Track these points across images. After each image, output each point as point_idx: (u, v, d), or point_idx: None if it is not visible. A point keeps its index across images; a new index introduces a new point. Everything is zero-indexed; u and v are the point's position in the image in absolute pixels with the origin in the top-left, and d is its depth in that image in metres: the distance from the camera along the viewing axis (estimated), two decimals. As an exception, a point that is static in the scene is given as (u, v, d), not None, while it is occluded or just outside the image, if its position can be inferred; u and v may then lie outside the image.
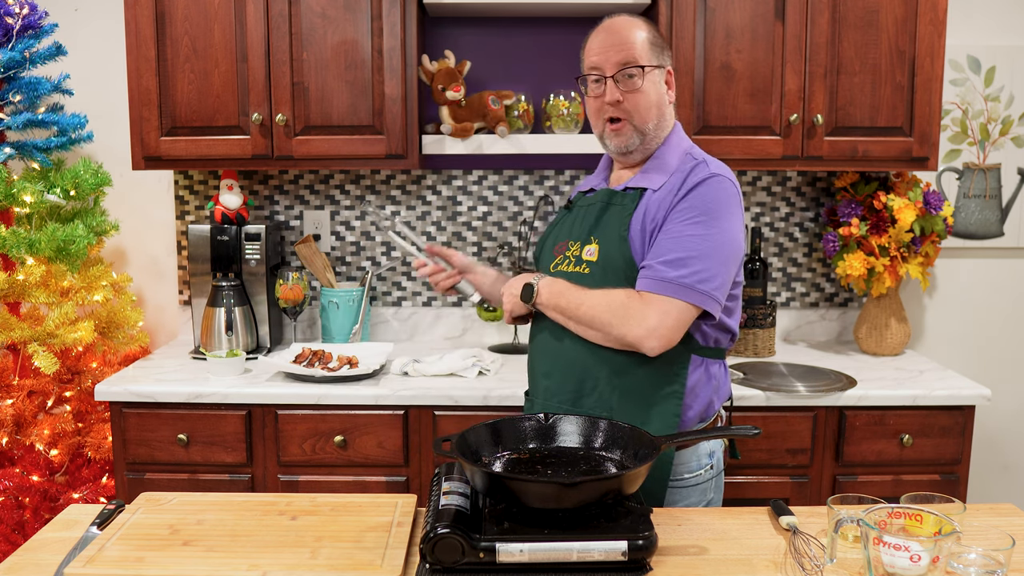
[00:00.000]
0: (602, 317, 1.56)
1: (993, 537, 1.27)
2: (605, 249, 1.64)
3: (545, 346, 1.71)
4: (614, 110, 1.65)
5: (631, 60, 1.63)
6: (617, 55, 1.64)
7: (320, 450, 2.24)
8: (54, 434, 2.38)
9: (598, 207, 1.70)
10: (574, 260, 1.69)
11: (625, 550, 1.25)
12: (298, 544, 1.37)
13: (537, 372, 1.74)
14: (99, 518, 1.47)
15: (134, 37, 2.39)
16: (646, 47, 1.65)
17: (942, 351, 2.90)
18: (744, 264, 2.68)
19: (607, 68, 1.64)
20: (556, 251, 1.75)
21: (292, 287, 2.57)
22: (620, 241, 1.62)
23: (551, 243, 1.79)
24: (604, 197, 1.71)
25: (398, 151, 2.44)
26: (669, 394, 1.61)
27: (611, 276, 1.62)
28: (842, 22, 2.38)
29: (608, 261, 1.63)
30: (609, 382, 1.62)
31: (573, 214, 1.77)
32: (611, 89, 1.64)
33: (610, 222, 1.66)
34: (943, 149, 2.80)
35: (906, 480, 2.25)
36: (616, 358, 1.61)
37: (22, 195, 2.40)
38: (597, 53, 1.66)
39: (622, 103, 1.64)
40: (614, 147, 1.70)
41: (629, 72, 1.63)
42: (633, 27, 1.67)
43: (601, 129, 1.70)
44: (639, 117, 1.65)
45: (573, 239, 1.72)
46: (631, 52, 1.63)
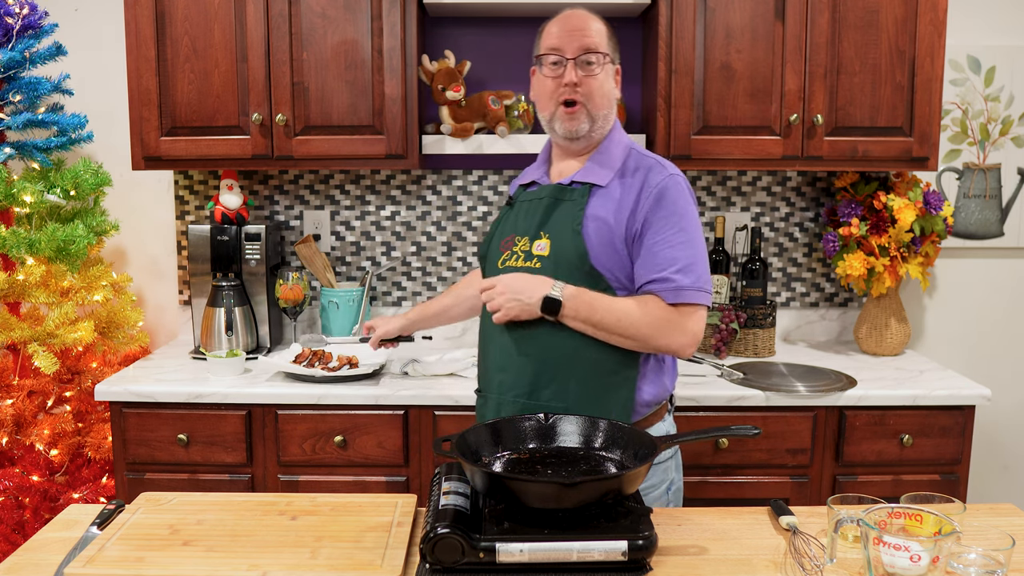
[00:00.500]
0: (644, 331, 1.63)
1: (993, 537, 1.27)
2: (557, 243, 1.68)
3: (499, 341, 1.73)
4: (571, 92, 1.69)
5: (593, 46, 1.69)
6: (580, 40, 1.68)
7: (320, 450, 2.24)
8: (54, 434, 2.38)
9: (546, 202, 1.73)
10: (523, 255, 1.72)
11: (625, 550, 1.25)
12: (298, 544, 1.37)
13: (491, 368, 1.76)
14: (99, 518, 1.47)
15: (134, 37, 2.39)
16: (604, 38, 1.72)
17: (942, 351, 2.90)
18: (744, 264, 2.68)
19: (568, 51, 1.68)
20: (503, 247, 1.77)
21: (292, 287, 2.57)
22: (573, 235, 1.66)
23: (497, 239, 1.81)
24: (551, 192, 1.74)
25: (398, 151, 2.44)
26: (624, 380, 1.67)
27: (563, 270, 1.66)
28: (842, 22, 2.38)
29: (560, 255, 1.67)
30: (566, 373, 1.67)
31: (516, 209, 1.80)
32: (571, 70, 1.68)
33: (560, 217, 1.69)
34: (943, 149, 2.80)
35: (906, 480, 2.25)
36: (572, 350, 1.66)
37: (22, 195, 2.40)
38: (558, 36, 1.69)
39: (580, 86, 1.68)
40: (564, 131, 1.72)
41: (589, 58, 1.68)
42: (594, 18, 1.73)
43: (553, 111, 1.72)
44: (593, 104, 1.70)
45: (520, 234, 1.74)
46: (593, 39, 1.69)
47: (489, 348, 1.77)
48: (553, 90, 1.71)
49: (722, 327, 2.56)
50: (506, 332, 1.71)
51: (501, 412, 1.69)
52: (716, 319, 2.59)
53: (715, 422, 2.20)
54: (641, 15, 2.65)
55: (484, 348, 1.80)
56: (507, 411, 1.68)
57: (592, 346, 1.66)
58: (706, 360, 2.45)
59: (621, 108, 2.61)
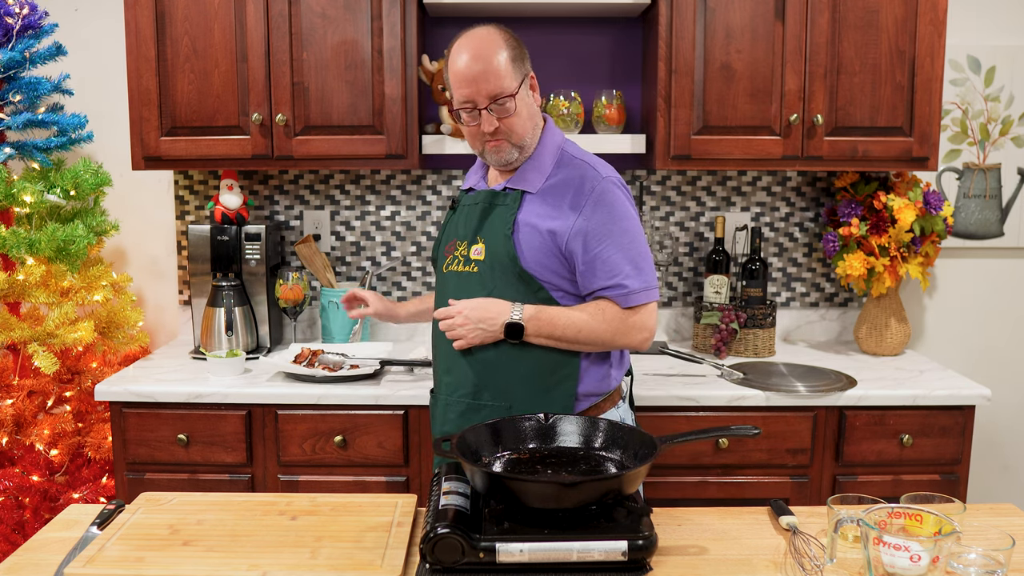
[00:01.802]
0: (604, 337, 1.71)
1: (993, 537, 1.27)
2: (492, 248, 1.73)
3: (445, 345, 1.78)
4: (492, 135, 1.72)
5: (501, 91, 1.68)
6: (487, 86, 1.67)
7: (320, 450, 2.24)
8: (54, 434, 2.38)
9: (481, 207, 1.78)
10: (462, 259, 1.78)
11: (625, 550, 1.25)
12: (298, 544, 1.37)
13: (439, 369, 1.84)
14: (99, 518, 1.47)
15: (134, 37, 2.39)
16: (510, 69, 1.69)
17: (942, 351, 2.90)
18: (744, 264, 2.68)
19: (479, 101, 1.69)
20: (447, 251, 1.84)
21: (292, 287, 2.57)
22: (505, 240, 1.72)
23: (443, 243, 1.87)
24: (486, 198, 1.79)
25: (398, 151, 2.44)
26: (564, 377, 1.73)
27: (498, 274, 1.73)
28: (842, 22, 2.38)
29: (495, 259, 1.73)
30: (507, 374, 1.73)
31: (458, 213, 1.85)
32: (487, 120, 1.70)
33: (494, 222, 1.75)
34: (943, 149, 2.80)
35: (906, 480, 2.25)
36: (513, 352, 1.72)
37: (22, 195, 2.40)
38: (467, 85, 1.68)
39: (498, 129, 1.71)
40: (496, 162, 1.77)
41: (501, 102, 1.68)
42: (494, 47, 1.69)
43: (481, 147, 1.76)
44: (516, 136, 1.72)
45: (460, 239, 1.80)
46: (499, 83, 1.67)
47: (438, 351, 1.84)
48: (475, 135, 1.74)
49: (722, 327, 2.56)
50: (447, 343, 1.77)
51: (448, 412, 1.79)
52: (716, 319, 2.59)
53: (715, 422, 2.20)
54: (641, 15, 2.65)
55: (434, 351, 1.86)
56: (454, 411, 1.78)
57: (532, 347, 1.72)
58: (706, 360, 2.45)
59: (621, 108, 2.61)
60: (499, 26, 1.76)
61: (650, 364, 2.49)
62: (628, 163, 2.75)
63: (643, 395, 2.21)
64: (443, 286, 1.84)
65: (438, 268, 1.88)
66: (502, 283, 1.72)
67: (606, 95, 2.60)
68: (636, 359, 2.54)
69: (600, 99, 2.60)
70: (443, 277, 1.84)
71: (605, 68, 2.73)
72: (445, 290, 1.82)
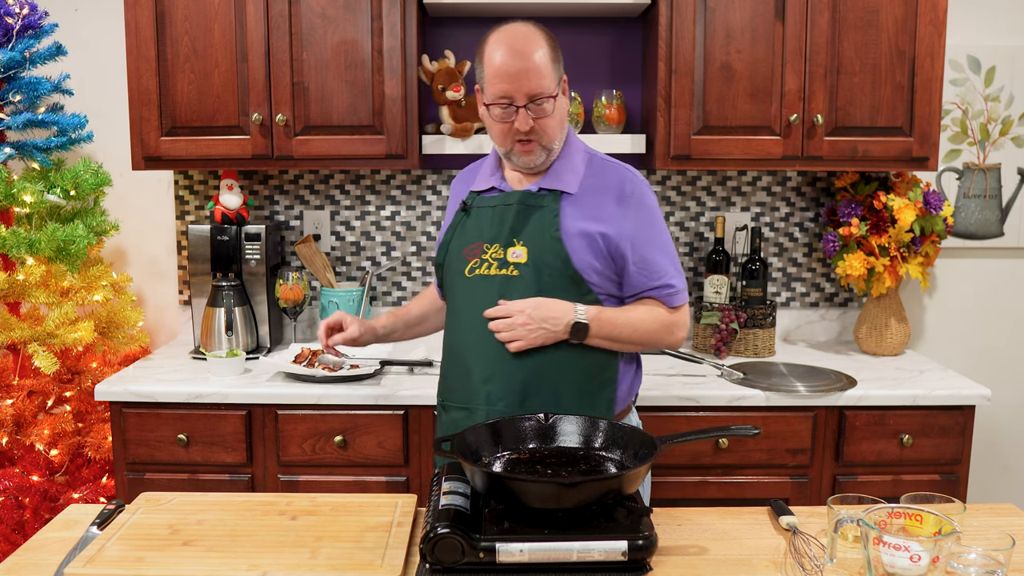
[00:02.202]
0: (654, 336, 1.74)
1: (993, 537, 1.27)
2: (536, 250, 1.68)
3: (484, 353, 1.69)
4: (525, 134, 1.67)
5: (542, 91, 1.64)
6: (527, 84, 1.63)
7: (320, 450, 2.24)
8: (54, 434, 2.38)
9: (515, 209, 1.71)
10: (496, 262, 1.71)
11: (625, 550, 1.25)
12: (298, 544, 1.37)
13: (475, 379, 1.70)
14: (99, 518, 1.47)
15: (134, 37, 2.39)
16: (550, 69, 1.66)
17: (942, 351, 2.90)
18: (744, 264, 2.69)
19: (518, 98, 1.64)
20: (468, 254, 1.74)
21: (292, 287, 2.57)
22: (553, 242, 1.67)
23: (457, 246, 1.77)
24: (519, 199, 1.72)
25: (398, 151, 2.44)
26: (607, 380, 1.73)
27: (545, 276, 1.68)
28: (842, 22, 2.38)
29: (540, 262, 1.68)
30: (556, 378, 1.69)
31: (475, 216, 1.76)
32: (523, 118, 1.65)
33: (536, 224, 1.69)
34: (943, 149, 2.80)
35: (906, 480, 2.25)
36: (560, 357, 1.69)
37: (22, 195, 2.40)
38: (506, 81, 1.64)
39: (534, 128, 1.66)
40: (522, 164, 1.72)
41: (539, 101, 1.65)
42: (535, 44, 1.65)
43: (509, 148, 1.71)
44: (547, 138, 1.69)
45: (488, 241, 1.72)
46: (540, 82, 1.64)
47: (476, 359, 1.71)
48: (506, 132, 1.68)
49: (722, 327, 2.56)
50: (491, 344, 1.69)
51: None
52: (716, 319, 2.59)
53: (715, 422, 2.20)
54: (641, 15, 2.65)
55: (462, 361, 1.74)
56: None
57: (578, 351, 1.69)
58: (706, 360, 2.45)
59: (621, 108, 2.61)
60: (537, 24, 1.71)
61: (650, 364, 2.49)
62: (628, 163, 2.75)
63: (643, 395, 2.21)
64: (468, 290, 1.74)
65: (453, 273, 1.77)
66: (550, 285, 1.67)
67: (606, 95, 2.60)
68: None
69: (600, 99, 2.60)
70: (466, 281, 1.74)
71: (605, 68, 2.73)
72: (472, 294, 1.72)
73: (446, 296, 1.83)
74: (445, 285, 1.82)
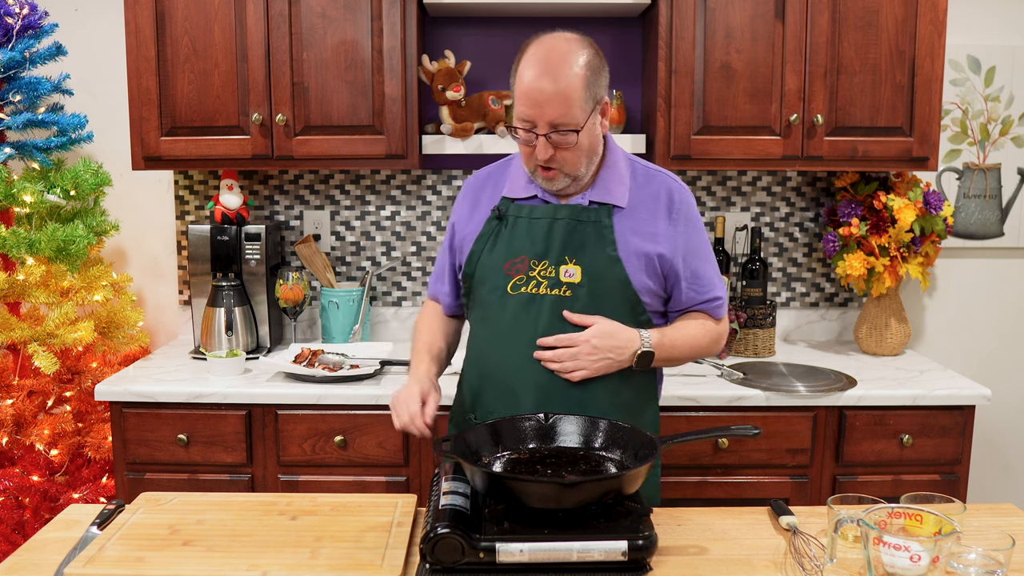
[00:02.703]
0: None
1: (993, 537, 1.27)
2: (592, 270, 1.59)
3: (534, 378, 1.60)
4: (546, 162, 1.56)
5: (567, 122, 1.52)
6: (552, 112, 1.50)
7: (320, 450, 2.24)
8: (54, 434, 2.38)
9: (564, 223, 1.61)
10: (547, 281, 1.60)
11: (625, 550, 1.25)
12: (298, 544, 1.37)
13: (524, 405, 1.60)
14: (99, 518, 1.47)
15: (134, 37, 2.39)
16: (582, 96, 1.52)
17: (942, 351, 2.90)
18: (744, 264, 2.69)
19: (540, 126, 1.52)
20: (511, 270, 1.62)
21: (292, 287, 2.57)
22: (611, 262, 1.59)
23: (495, 259, 1.64)
24: (570, 212, 1.62)
25: (398, 151, 2.44)
26: (651, 396, 1.71)
27: (603, 297, 1.59)
28: (842, 22, 2.38)
29: (598, 283, 1.59)
30: (610, 402, 1.62)
31: (514, 226, 1.64)
32: (543, 147, 1.53)
33: (589, 241, 1.60)
34: (943, 149, 2.80)
35: (906, 480, 2.25)
36: (613, 380, 1.62)
37: (22, 195, 2.40)
38: (530, 105, 1.51)
39: (554, 158, 1.55)
40: (546, 187, 1.62)
41: (561, 131, 1.52)
42: (570, 66, 1.52)
43: (532, 169, 1.60)
44: (570, 167, 1.57)
45: (534, 256, 1.61)
46: (567, 111, 1.51)
47: (518, 386, 1.61)
48: (528, 155, 1.58)
49: (722, 327, 2.56)
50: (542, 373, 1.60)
51: None
52: (716, 319, 2.59)
53: (715, 422, 2.20)
54: (641, 15, 2.65)
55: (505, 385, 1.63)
56: None
57: (625, 376, 1.63)
58: (706, 360, 2.45)
59: (621, 108, 2.61)
60: (582, 36, 1.58)
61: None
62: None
63: (643, 395, 2.21)
64: (511, 309, 1.62)
65: (492, 288, 1.64)
66: (606, 308, 1.59)
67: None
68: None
69: (600, 99, 2.60)
70: (509, 299, 1.61)
71: (605, 68, 2.73)
72: (518, 314, 1.61)
73: (472, 309, 1.71)
74: (474, 297, 1.69)
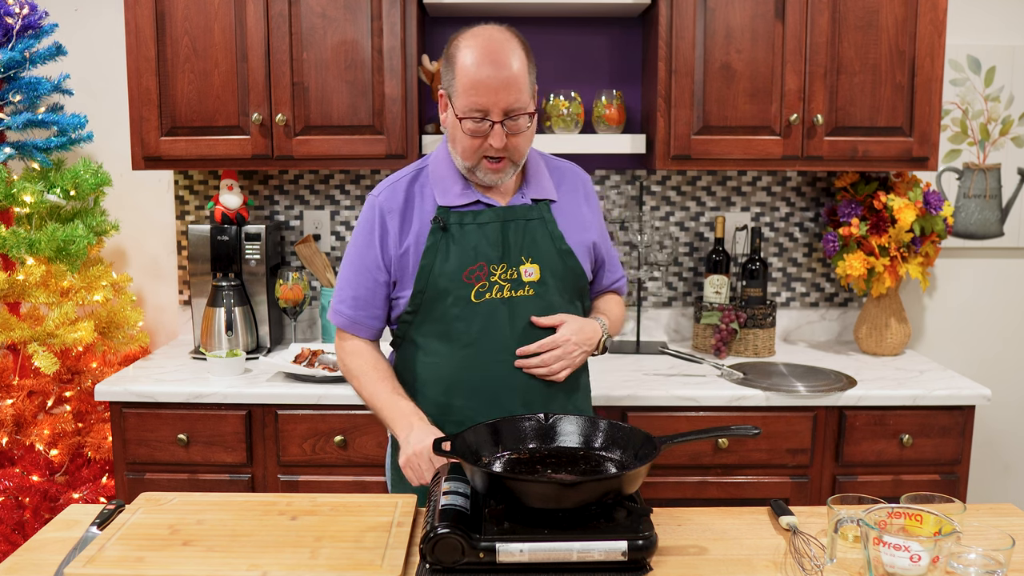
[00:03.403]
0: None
1: (993, 537, 1.27)
2: (549, 266, 1.63)
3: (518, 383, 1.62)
4: (497, 151, 1.55)
5: (520, 106, 1.53)
6: (506, 98, 1.51)
7: (320, 450, 2.24)
8: (54, 434, 2.38)
9: (515, 224, 1.62)
10: (510, 284, 1.61)
11: (625, 550, 1.25)
12: (298, 544, 1.37)
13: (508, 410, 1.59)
14: (99, 518, 1.47)
15: (134, 37, 2.39)
16: (527, 81, 1.55)
17: (942, 351, 2.90)
18: (744, 264, 2.69)
19: (494, 113, 1.52)
20: (470, 278, 1.59)
21: (292, 287, 2.57)
22: (565, 255, 1.65)
23: (449, 270, 1.60)
24: (519, 213, 1.63)
25: (398, 151, 2.44)
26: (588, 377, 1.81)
27: (558, 293, 1.65)
28: (842, 22, 2.38)
29: (554, 278, 1.64)
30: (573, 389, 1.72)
31: (462, 234, 1.61)
32: (498, 135, 1.53)
33: (539, 238, 1.63)
34: (943, 149, 2.80)
35: (906, 480, 2.25)
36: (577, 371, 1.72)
37: (22, 195, 2.40)
38: (482, 94, 1.51)
39: (507, 145, 1.55)
40: (488, 181, 1.60)
41: (516, 118, 1.54)
42: (514, 54, 1.54)
43: (475, 163, 1.57)
44: (519, 154, 1.58)
45: (492, 262, 1.60)
46: (520, 96, 1.52)
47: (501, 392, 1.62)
48: (476, 148, 1.56)
49: (722, 327, 2.56)
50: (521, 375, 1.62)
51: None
52: (716, 319, 2.59)
53: (715, 422, 2.20)
54: (641, 15, 2.65)
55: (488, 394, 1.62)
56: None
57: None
58: (706, 360, 2.45)
59: (621, 108, 2.61)
60: (511, 28, 1.61)
61: (650, 364, 2.49)
62: (628, 163, 2.75)
63: (643, 395, 2.21)
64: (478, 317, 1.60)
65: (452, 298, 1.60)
66: (563, 302, 1.65)
67: (606, 95, 2.60)
68: (636, 359, 2.55)
69: (600, 99, 2.60)
70: (473, 308, 1.60)
71: (605, 68, 2.73)
72: (487, 321, 1.60)
73: (421, 326, 1.65)
74: (427, 314, 1.63)
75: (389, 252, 1.63)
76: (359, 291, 1.66)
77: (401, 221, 1.63)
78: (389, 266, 1.64)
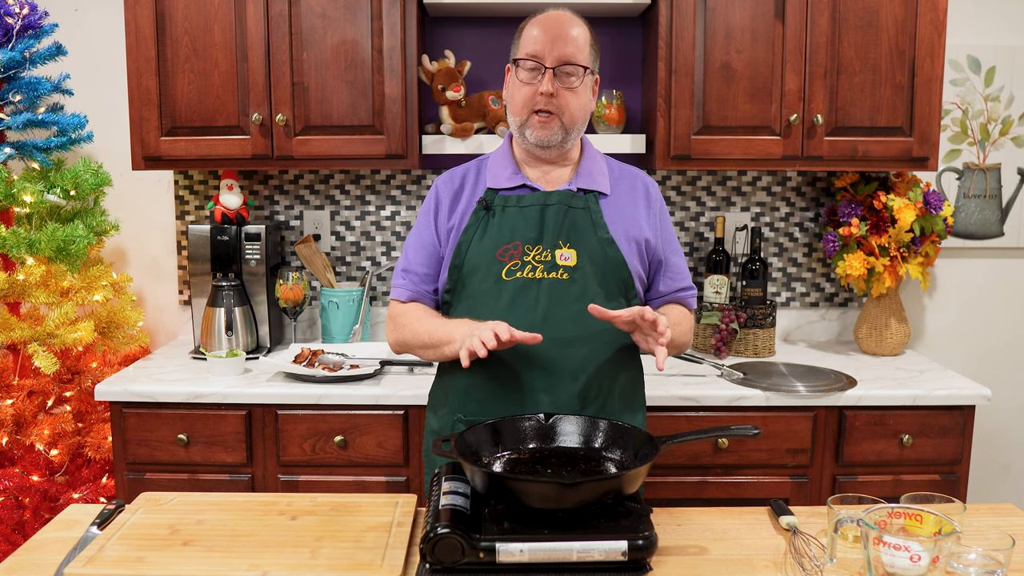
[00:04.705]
0: (685, 340, 1.75)
1: (993, 537, 1.27)
2: (587, 254, 1.64)
3: (540, 361, 1.61)
4: (546, 102, 1.61)
5: (573, 58, 1.60)
6: (561, 49, 1.60)
7: (320, 450, 2.24)
8: (54, 434, 2.38)
9: (555, 208, 1.65)
10: (543, 265, 1.63)
11: (625, 550, 1.25)
12: (298, 544, 1.37)
13: (536, 390, 1.61)
14: (99, 518, 1.47)
15: (134, 37, 2.39)
16: (587, 49, 1.63)
17: (942, 351, 2.90)
18: (744, 264, 2.69)
19: (548, 59, 1.60)
20: (504, 256, 1.64)
21: (292, 287, 2.57)
22: (605, 244, 1.66)
23: (485, 247, 1.65)
24: (561, 198, 1.66)
25: (398, 151, 2.44)
26: (640, 384, 1.78)
27: (597, 279, 1.65)
28: (842, 22, 2.38)
29: (593, 266, 1.64)
30: (609, 385, 1.67)
31: (503, 215, 1.66)
32: (548, 80, 1.59)
33: (581, 225, 1.65)
34: (943, 149, 2.80)
35: (906, 480, 2.25)
36: (612, 361, 1.67)
37: (22, 195, 2.40)
38: (540, 42, 1.60)
39: (556, 97, 1.61)
40: (535, 139, 1.65)
41: (568, 70, 1.61)
42: (577, 24, 1.64)
43: (524, 118, 1.64)
44: (568, 116, 1.63)
45: (528, 242, 1.64)
46: (575, 50, 1.60)
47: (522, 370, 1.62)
48: (528, 97, 1.62)
49: (722, 327, 2.56)
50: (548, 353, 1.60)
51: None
52: (716, 319, 2.59)
53: (715, 422, 2.20)
54: (641, 15, 2.65)
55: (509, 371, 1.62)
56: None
57: (623, 357, 1.70)
58: (706, 360, 2.45)
59: (621, 108, 2.61)
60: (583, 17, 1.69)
61: (650, 364, 2.49)
62: (628, 163, 2.75)
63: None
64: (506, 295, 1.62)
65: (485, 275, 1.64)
66: (603, 291, 1.64)
67: (606, 95, 2.60)
68: (636, 359, 2.54)
69: (600, 99, 2.60)
70: (504, 285, 1.62)
71: (605, 68, 2.73)
72: (514, 299, 1.62)
73: (457, 304, 1.70)
74: (462, 290, 1.69)
75: (440, 227, 1.73)
76: (419, 264, 1.74)
77: (452, 200, 1.73)
78: (440, 239, 1.73)
